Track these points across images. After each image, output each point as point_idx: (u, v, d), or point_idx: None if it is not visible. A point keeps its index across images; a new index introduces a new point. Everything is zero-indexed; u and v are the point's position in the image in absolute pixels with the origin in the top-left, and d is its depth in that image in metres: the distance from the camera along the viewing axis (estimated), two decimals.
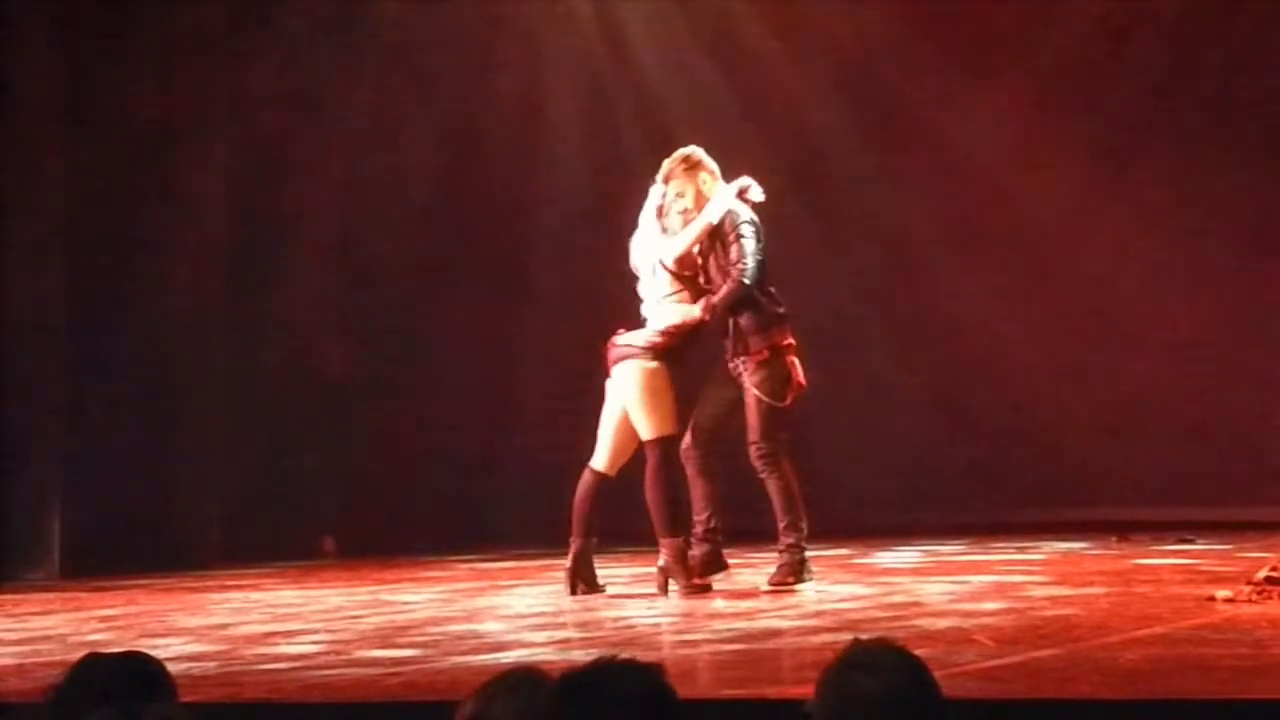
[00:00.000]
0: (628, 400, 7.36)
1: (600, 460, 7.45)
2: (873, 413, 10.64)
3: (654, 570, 7.35)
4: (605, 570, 7.64)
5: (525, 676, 3.11)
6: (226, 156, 10.28)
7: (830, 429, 10.25)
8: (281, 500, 10.23)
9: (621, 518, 7.73)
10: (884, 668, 2.94)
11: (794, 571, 7.25)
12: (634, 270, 7.55)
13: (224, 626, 7.02)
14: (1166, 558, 8.36)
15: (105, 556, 9.42)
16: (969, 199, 10.45)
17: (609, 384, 7.48)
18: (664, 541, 7.27)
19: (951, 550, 9.01)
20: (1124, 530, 9.29)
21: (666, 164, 7.50)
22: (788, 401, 7.28)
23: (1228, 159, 9.94)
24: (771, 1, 10.64)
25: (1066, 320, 10.35)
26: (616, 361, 7.40)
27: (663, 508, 7.27)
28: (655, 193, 7.49)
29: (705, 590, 7.22)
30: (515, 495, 10.45)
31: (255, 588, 8.57)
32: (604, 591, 7.39)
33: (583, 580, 7.38)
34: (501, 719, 3.04)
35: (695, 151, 7.52)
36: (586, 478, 7.46)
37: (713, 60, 10.64)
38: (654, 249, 7.43)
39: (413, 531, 10.15)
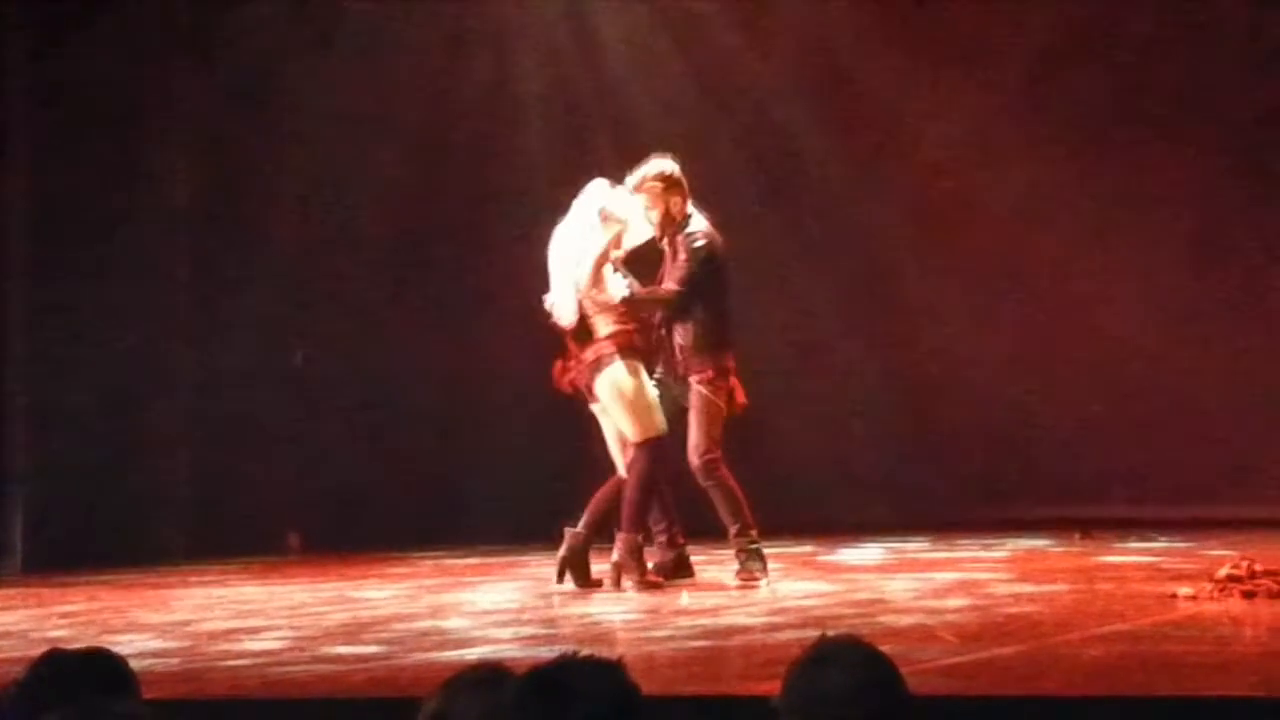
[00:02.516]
0: (610, 410, 7.32)
1: (622, 469, 7.38)
2: (836, 410, 10.64)
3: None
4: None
5: (489, 673, 3.10)
6: (190, 154, 10.24)
7: (794, 426, 10.27)
8: (246, 497, 10.19)
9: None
10: (851, 663, 2.95)
11: (760, 565, 7.25)
12: (549, 265, 7.39)
13: (187, 623, 6.99)
14: (1129, 555, 8.39)
15: (68, 553, 9.37)
16: (933, 197, 10.46)
17: (593, 406, 7.39)
18: (624, 536, 7.24)
19: (915, 547, 9.03)
20: (1087, 528, 9.32)
21: (641, 173, 7.35)
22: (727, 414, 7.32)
23: (1187, 159, 9.98)
24: (740, 3, 10.63)
25: (1030, 318, 10.37)
26: (587, 379, 7.33)
27: (638, 503, 7.24)
28: (599, 192, 7.32)
29: (657, 587, 7.19)
30: (481, 492, 10.42)
31: (219, 584, 8.54)
32: (598, 586, 7.28)
33: (574, 572, 7.29)
34: (465, 715, 3.03)
35: (674, 170, 7.35)
36: (613, 480, 7.39)
37: (681, 59, 10.63)
38: (576, 255, 7.28)
39: (378, 528, 10.13)
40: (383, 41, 10.45)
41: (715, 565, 8.30)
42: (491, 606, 7.17)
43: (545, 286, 10.68)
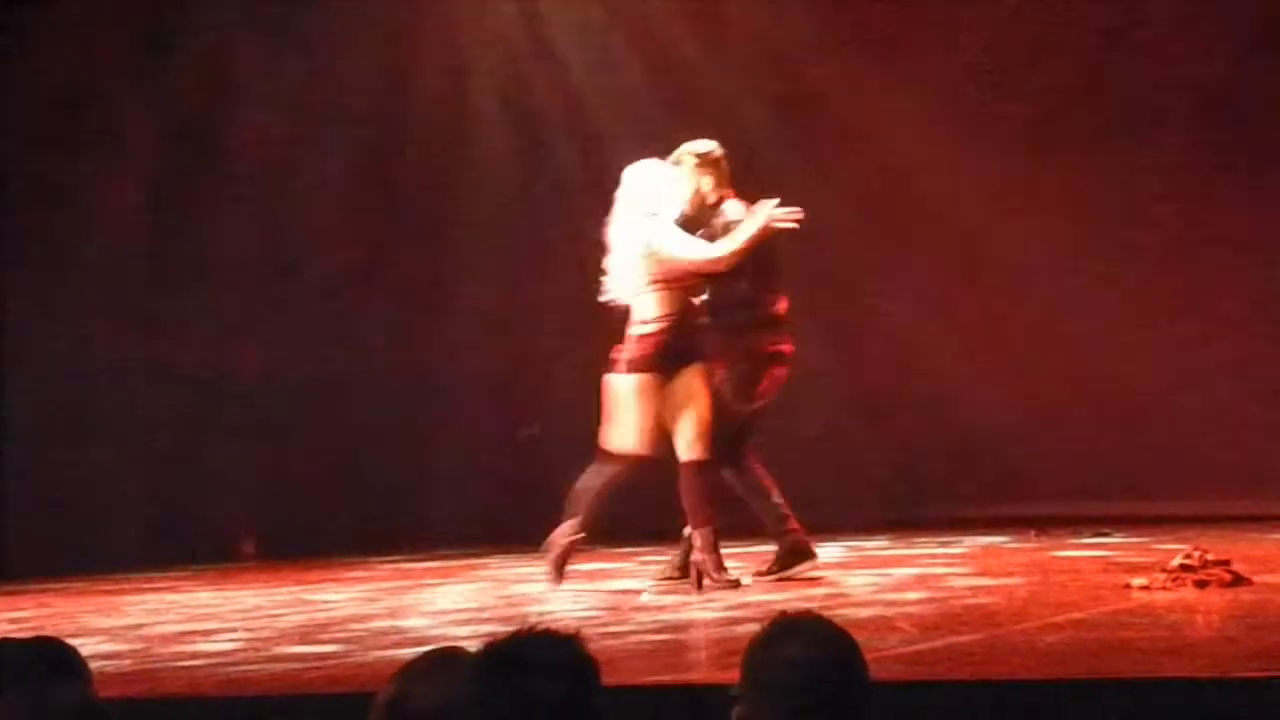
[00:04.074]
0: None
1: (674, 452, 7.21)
2: (796, 410, 10.64)
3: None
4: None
5: (445, 656, 3.10)
6: (142, 153, 10.21)
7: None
8: (199, 502, 10.14)
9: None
10: (810, 637, 2.96)
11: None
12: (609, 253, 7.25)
13: (139, 626, 6.96)
14: (1084, 550, 8.43)
15: (17, 560, 9.31)
16: (889, 196, 10.50)
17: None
18: (574, 524, 7.17)
19: (875, 545, 9.06)
20: (1042, 524, 9.37)
21: (681, 150, 7.23)
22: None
23: (1147, 155, 10.04)
24: (695, 5, 10.66)
25: (986, 316, 10.41)
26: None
27: (593, 505, 7.20)
28: (639, 176, 7.18)
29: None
30: (439, 496, 10.41)
31: (171, 590, 8.49)
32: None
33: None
34: (423, 699, 3.02)
35: (711, 150, 7.25)
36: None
37: (636, 58, 10.65)
38: (637, 236, 7.10)
39: (334, 533, 10.09)
40: (337, 35, 10.43)
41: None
42: (450, 606, 7.16)
43: (506, 293, 10.76)
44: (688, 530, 7.16)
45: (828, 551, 8.88)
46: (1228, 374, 9.98)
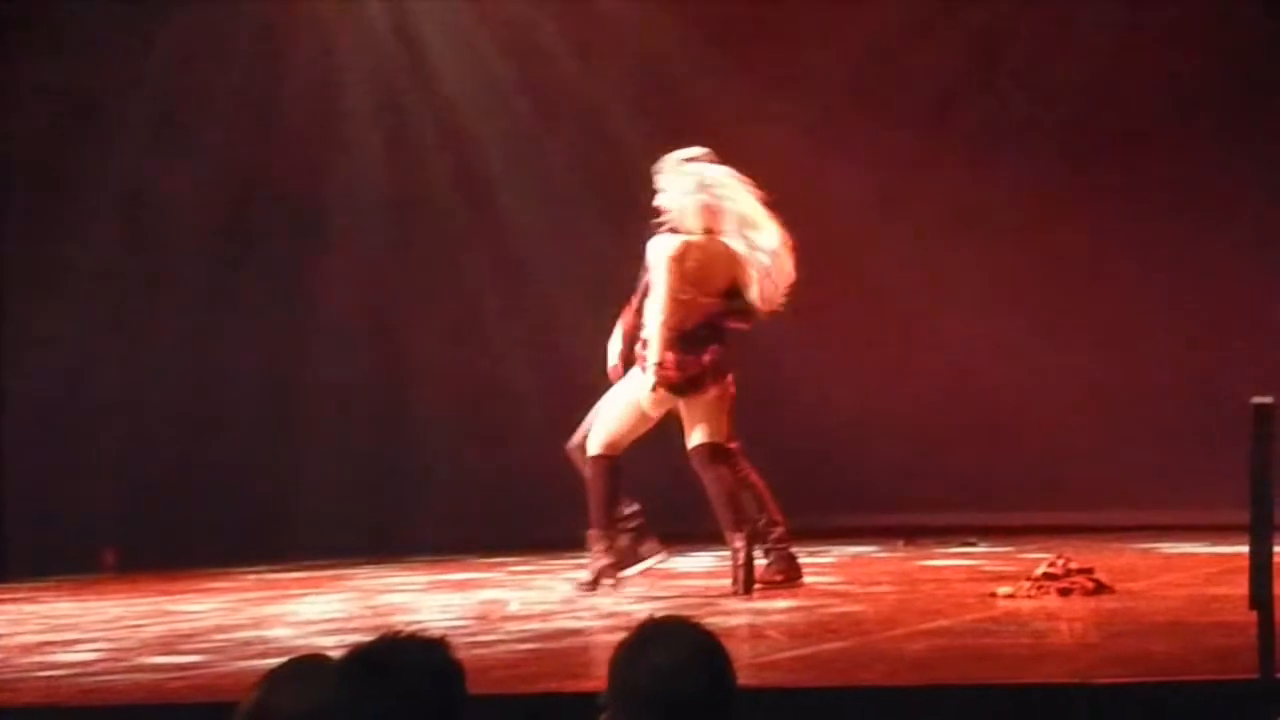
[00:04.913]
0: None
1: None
2: (669, 421, 10.67)
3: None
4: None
5: (309, 662, 3.06)
6: (7, 152, 10.05)
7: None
8: (58, 513, 9.97)
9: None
10: (674, 642, 2.95)
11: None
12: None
13: None
14: (950, 559, 8.53)
15: None
16: (766, 205, 10.54)
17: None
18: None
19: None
20: (910, 535, 9.47)
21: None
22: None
23: (1021, 161, 10.16)
24: (571, 18, 10.65)
25: (853, 326, 10.48)
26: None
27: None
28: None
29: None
30: (304, 506, 10.31)
31: (30, 600, 8.34)
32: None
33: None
34: (287, 705, 2.99)
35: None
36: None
37: (509, 65, 10.63)
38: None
39: (197, 544, 9.96)
40: (206, 39, 10.32)
41: (547, 574, 8.31)
42: (316, 616, 7.08)
43: (373, 300, 10.67)
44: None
45: (699, 561, 8.91)
46: (1091, 387, 10.13)
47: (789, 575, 7.16)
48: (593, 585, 7.07)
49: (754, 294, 7.17)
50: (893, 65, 10.32)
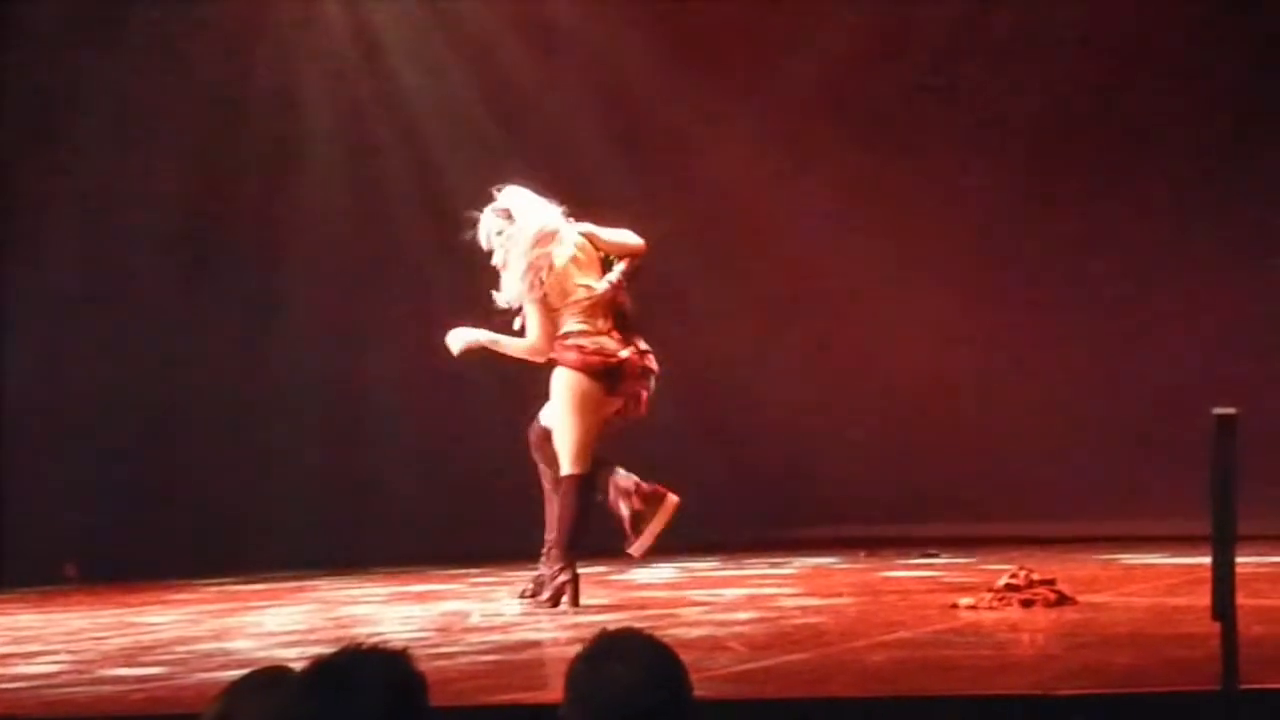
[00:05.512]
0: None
1: None
2: (628, 434, 10.68)
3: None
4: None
5: (270, 675, 3.06)
6: None
7: None
8: (19, 526, 9.92)
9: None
10: (633, 655, 2.95)
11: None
12: None
13: None
14: (912, 570, 8.55)
15: None
16: (723, 221, 10.57)
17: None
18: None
19: (706, 566, 9.11)
20: (871, 546, 9.49)
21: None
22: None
23: (987, 170, 10.20)
24: (532, 33, 10.66)
25: (814, 337, 10.51)
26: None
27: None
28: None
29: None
30: (267, 518, 10.28)
31: None
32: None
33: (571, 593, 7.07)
34: (248, 718, 2.98)
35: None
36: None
37: (470, 75, 10.64)
38: None
39: (159, 556, 9.92)
40: (167, 43, 10.30)
41: (505, 585, 8.30)
42: (278, 628, 7.07)
43: (336, 308, 10.65)
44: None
45: (659, 572, 8.94)
46: (1053, 398, 10.18)
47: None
48: (554, 602, 7.05)
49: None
50: (857, 75, 10.36)
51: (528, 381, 7.86)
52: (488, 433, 10.13)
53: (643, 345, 7.24)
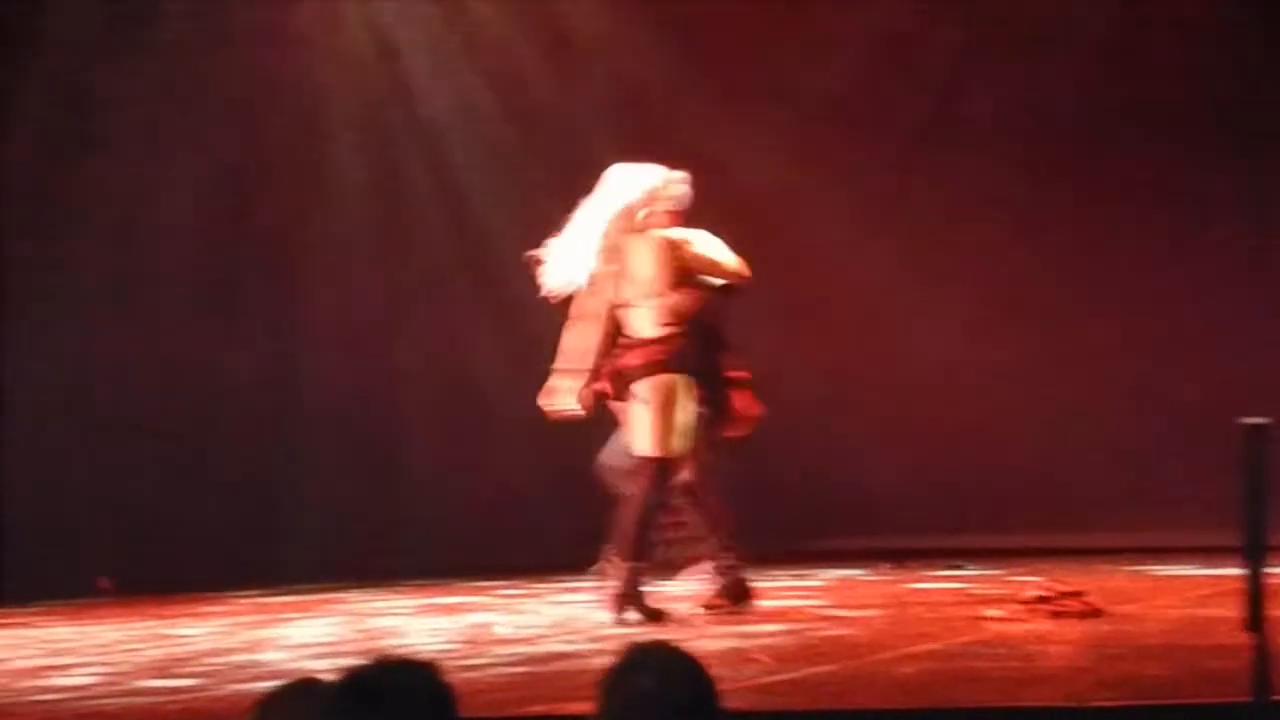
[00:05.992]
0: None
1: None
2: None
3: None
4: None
5: (303, 687, 3.09)
6: None
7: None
8: (54, 539, 9.98)
9: None
10: (662, 667, 2.98)
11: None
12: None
13: None
14: (939, 582, 8.54)
15: None
16: (741, 225, 10.56)
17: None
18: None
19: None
20: (899, 557, 9.48)
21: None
22: None
23: (1004, 172, 10.20)
24: (551, 42, 10.69)
25: (841, 348, 10.49)
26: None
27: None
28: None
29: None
30: (297, 530, 10.32)
31: (27, 625, 8.34)
32: (661, 619, 6.98)
33: (634, 605, 7.01)
34: None
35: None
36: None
37: (488, 86, 10.68)
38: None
39: (192, 568, 9.97)
40: (193, 50, 10.36)
41: (535, 598, 8.33)
42: (308, 640, 7.10)
43: (362, 319, 10.69)
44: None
45: (687, 585, 8.93)
46: (1082, 409, 10.16)
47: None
48: (733, 599, 7.02)
49: None
50: (872, 79, 10.36)
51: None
52: (514, 445, 10.16)
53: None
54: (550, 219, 7.52)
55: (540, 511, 10.10)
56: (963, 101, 10.31)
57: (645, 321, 7.19)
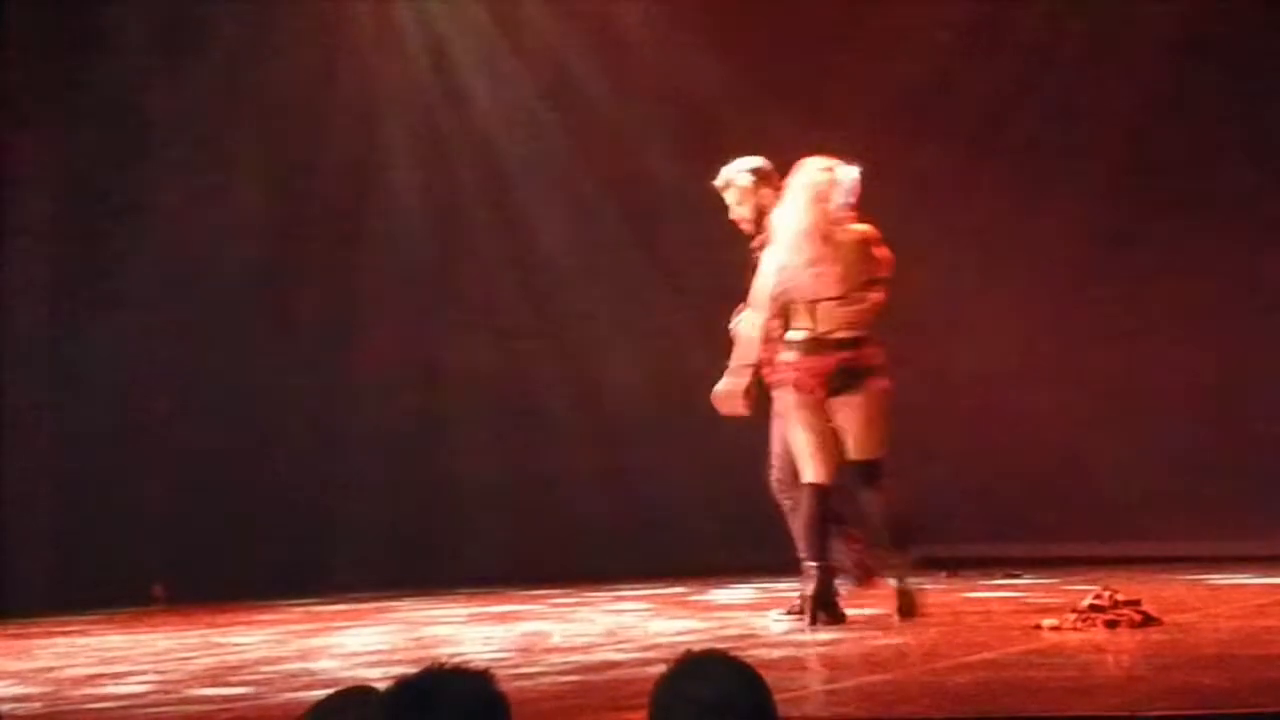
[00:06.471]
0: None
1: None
2: (705, 452, 10.68)
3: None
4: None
5: (355, 694, 3.09)
6: (48, 177, 10.14)
7: (664, 466, 10.28)
8: (109, 547, 10.03)
9: None
10: (716, 675, 2.96)
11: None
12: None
13: (49, 670, 6.88)
14: (994, 591, 8.50)
15: None
16: None
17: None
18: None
19: (785, 586, 9.03)
20: (953, 566, 9.42)
21: (726, 172, 7.27)
22: None
23: (1065, 185, 10.15)
24: (604, 46, 10.70)
25: (892, 357, 10.44)
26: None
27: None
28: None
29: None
30: (349, 540, 10.35)
31: (82, 633, 8.40)
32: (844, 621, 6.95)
33: (824, 610, 6.99)
34: None
35: (762, 164, 7.28)
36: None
37: (547, 104, 10.70)
38: None
39: (245, 577, 10.01)
40: (246, 64, 10.42)
41: (588, 606, 8.33)
42: (361, 649, 7.12)
43: (416, 333, 10.73)
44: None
45: (740, 592, 8.93)
46: (1137, 418, 10.09)
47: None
48: (811, 619, 6.96)
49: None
50: (927, 96, 10.34)
51: (607, 402, 7.90)
52: (565, 454, 10.16)
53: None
54: (605, 234, 7.55)
55: (591, 519, 10.10)
56: (1034, 108, 10.27)
57: (844, 320, 7.01)
